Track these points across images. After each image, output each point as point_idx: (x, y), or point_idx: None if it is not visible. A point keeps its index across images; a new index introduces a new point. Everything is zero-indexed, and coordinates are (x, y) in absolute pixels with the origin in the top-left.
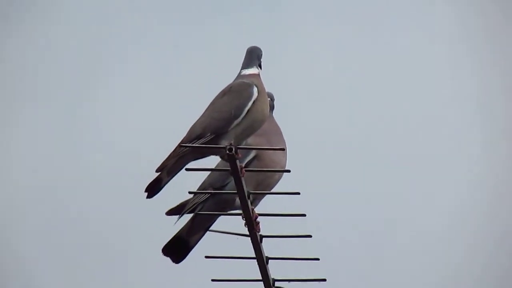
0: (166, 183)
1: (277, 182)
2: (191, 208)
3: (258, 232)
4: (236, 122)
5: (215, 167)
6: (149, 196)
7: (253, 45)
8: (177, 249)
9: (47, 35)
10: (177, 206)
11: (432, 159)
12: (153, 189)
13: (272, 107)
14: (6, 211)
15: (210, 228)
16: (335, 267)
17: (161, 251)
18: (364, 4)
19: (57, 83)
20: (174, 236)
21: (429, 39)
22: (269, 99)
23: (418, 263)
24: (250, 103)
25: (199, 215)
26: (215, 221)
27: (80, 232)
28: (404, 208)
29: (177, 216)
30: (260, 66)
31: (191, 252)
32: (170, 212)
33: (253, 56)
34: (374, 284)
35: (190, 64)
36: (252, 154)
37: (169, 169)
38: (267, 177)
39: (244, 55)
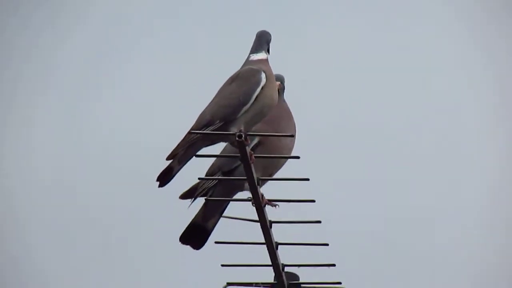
0: (178, 171)
1: (282, 166)
2: (202, 193)
3: (264, 206)
4: (244, 108)
5: (222, 151)
6: (161, 185)
7: (263, 29)
8: (196, 235)
9: (54, 31)
10: (189, 189)
11: (450, 153)
12: (164, 178)
13: (282, 90)
14: (12, 207)
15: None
16: (344, 253)
17: (178, 240)
18: None
19: (62, 80)
20: (190, 223)
21: (448, 32)
22: (278, 82)
23: (431, 251)
24: (258, 89)
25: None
26: (228, 204)
27: (89, 224)
28: (415, 195)
29: (190, 200)
30: (268, 50)
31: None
32: (183, 196)
33: (262, 41)
34: (384, 271)
35: (194, 60)
36: (256, 140)
37: (179, 157)
38: (272, 161)
39: (253, 39)
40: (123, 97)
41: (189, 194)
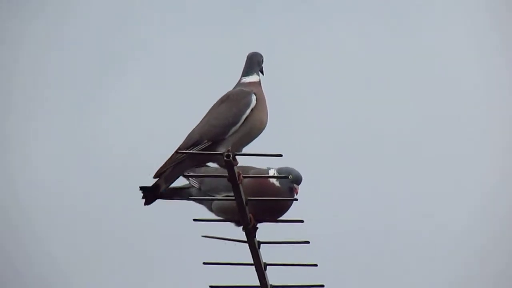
0: (164, 190)
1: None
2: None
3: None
4: (233, 129)
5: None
6: (146, 203)
7: (254, 51)
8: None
9: (57, 37)
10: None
11: (448, 161)
12: (151, 197)
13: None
14: (11, 211)
15: (208, 235)
16: (333, 273)
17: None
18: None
19: (64, 88)
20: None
21: (458, 38)
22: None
23: (421, 270)
24: (248, 111)
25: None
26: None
27: (84, 233)
28: (406, 213)
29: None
30: (262, 71)
31: (187, 255)
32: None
33: (253, 63)
34: None
35: (197, 70)
36: None
37: (166, 176)
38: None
39: (245, 61)
40: (119, 112)
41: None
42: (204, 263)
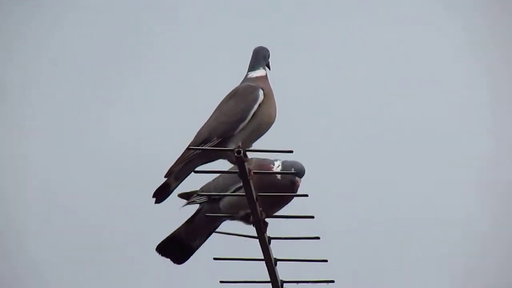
0: (175, 188)
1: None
2: (194, 202)
3: (265, 232)
4: (242, 125)
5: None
6: (157, 202)
7: (260, 45)
8: (177, 249)
9: (61, 34)
10: (189, 192)
11: (439, 161)
12: (161, 195)
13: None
14: (14, 212)
15: (219, 230)
16: (343, 268)
17: (155, 249)
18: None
19: (69, 84)
20: (171, 235)
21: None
22: (299, 180)
23: (426, 266)
24: (255, 106)
25: (200, 217)
26: (217, 227)
27: (87, 234)
28: (415, 209)
29: (185, 201)
30: (268, 66)
31: (197, 250)
32: (182, 196)
33: (259, 57)
34: (381, 286)
35: (203, 67)
36: None
37: (177, 174)
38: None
39: (250, 56)
40: (130, 107)
41: (187, 197)
42: (215, 259)
